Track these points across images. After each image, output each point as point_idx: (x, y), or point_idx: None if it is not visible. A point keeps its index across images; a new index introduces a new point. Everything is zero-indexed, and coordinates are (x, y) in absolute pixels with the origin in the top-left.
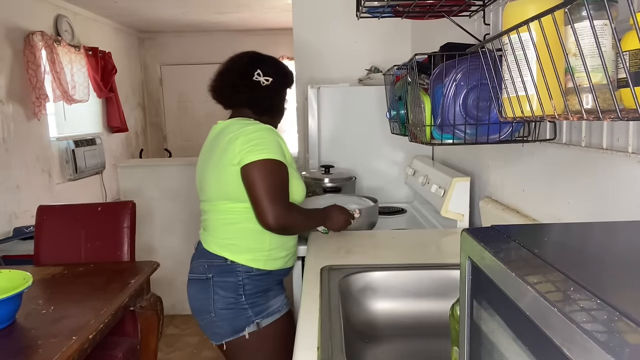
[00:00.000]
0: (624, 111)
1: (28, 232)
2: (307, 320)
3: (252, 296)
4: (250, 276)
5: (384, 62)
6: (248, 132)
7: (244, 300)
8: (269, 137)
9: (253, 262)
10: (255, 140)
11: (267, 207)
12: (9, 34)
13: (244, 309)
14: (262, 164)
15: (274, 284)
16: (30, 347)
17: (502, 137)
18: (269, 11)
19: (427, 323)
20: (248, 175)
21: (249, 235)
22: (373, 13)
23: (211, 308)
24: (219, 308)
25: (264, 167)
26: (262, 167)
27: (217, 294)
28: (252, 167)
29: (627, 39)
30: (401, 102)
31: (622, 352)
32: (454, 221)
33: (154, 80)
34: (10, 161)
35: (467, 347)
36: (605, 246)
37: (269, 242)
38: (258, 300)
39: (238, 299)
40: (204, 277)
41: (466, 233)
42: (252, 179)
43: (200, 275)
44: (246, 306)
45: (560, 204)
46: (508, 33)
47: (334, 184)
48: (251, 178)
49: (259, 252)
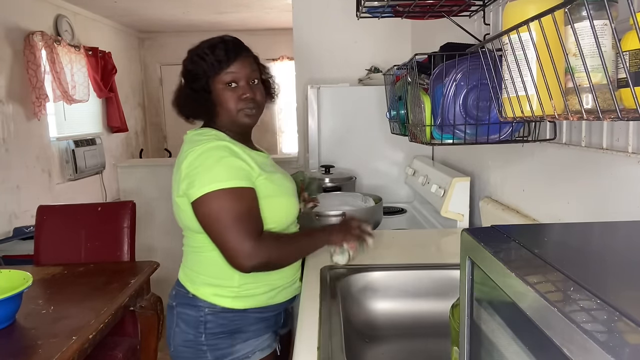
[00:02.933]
0: (624, 111)
1: (28, 232)
2: (307, 320)
3: (213, 337)
4: (215, 313)
5: (384, 62)
6: (193, 154)
7: (204, 340)
8: (214, 158)
9: (217, 299)
10: (199, 167)
11: (231, 249)
12: (9, 34)
13: (202, 350)
14: (210, 199)
15: (249, 324)
16: (30, 347)
17: (502, 137)
18: (269, 11)
19: (427, 323)
20: (198, 214)
21: (213, 265)
22: (373, 13)
23: (171, 341)
24: (177, 344)
25: (214, 202)
26: (210, 203)
27: (178, 326)
28: (199, 204)
29: (627, 39)
30: (401, 102)
31: (622, 352)
32: (454, 221)
33: (154, 80)
34: (10, 161)
35: (467, 347)
36: (605, 246)
37: (238, 276)
38: (220, 343)
39: (197, 338)
40: (171, 303)
41: (466, 233)
42: (204, 220)
43: (170, 301)
44: (205, 348)
45: (560, 204)
46: (508, 33)
47: (334, 183)
48: (202, 218)
49: (225, 288)
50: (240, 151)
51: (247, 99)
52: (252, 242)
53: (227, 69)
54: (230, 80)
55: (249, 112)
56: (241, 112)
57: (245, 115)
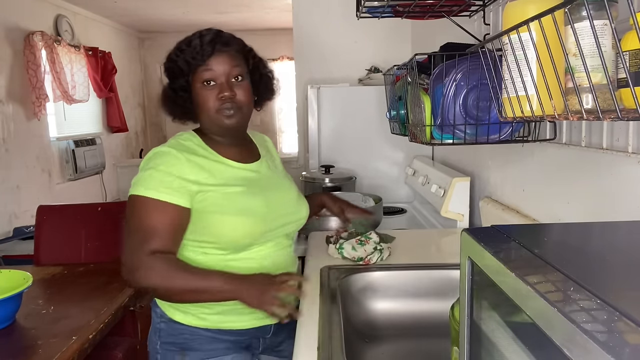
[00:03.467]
0: (624, 111)
1: (28, 232)
2: (307, 320)
3: (166, 346)
4: (167, 322)
5: (384, 62)
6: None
7: (159, 347)
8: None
9: (169, 309)
10: (141, 169)
11: (122, 256)
12: (9, 34)
13: (156, 358)
14: (130, 201)
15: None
16: (30, 347)
17: (502, 137)
18: (269, 11)
19: (427, 323)
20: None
21: None
22: (373, 13)
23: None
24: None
25: (130, 205)
26: (129, 205)
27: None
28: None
29: (627, 39)
30: (401, 102)
31: (622, 352)
32: (454, 221)
33: (153, 80)
34: (10, 161)
35: (467, 347)
36: (605, 246)
37: None
38: (170, 355)
39: (154, 344)
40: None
41: (466, 233)
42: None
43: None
44: (158, 356)
45: (560, 204)
46: (508, 33)
47: (334, 183)
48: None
49: None
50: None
51: (224, 99)
52: (138, 258)
53: (204, 65)
54: (208, 78)
55: (228, 113)
56: (219, 113)
57: (224, 116)
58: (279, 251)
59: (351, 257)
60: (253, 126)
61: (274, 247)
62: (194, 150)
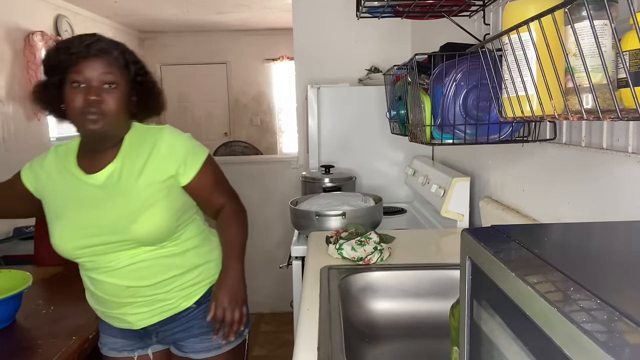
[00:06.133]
0: (624, 111)
1: (28, 232)
2: (307, 320)
3: None
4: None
5: (384, 62)
6: None
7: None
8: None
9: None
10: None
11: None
12: (9, 34)
13: None
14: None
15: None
16: (30, 347)
17: (502, 137)
18: (269, 11)
19: (427, 323)
20: None
21: None
22: (373, 13)
23: None
24: None
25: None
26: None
27: None
28: None
29: (627, 39)
30: (401, 102)
31: (622, 352)
32: (454, 221)
33: None
34: (10, 161)
35: (467, 347)
36: (605, 246)
37: None
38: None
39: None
40: None
41: (466, 233)
42: None
43: None
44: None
45: (560, 204)
46: (508, 33)
47: (334, 183)
48: None
49: None
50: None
51: (89, 102)
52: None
53: (75, 66)
54: (77, 80)
55: (91, 117)
56: (83, 116)
57: (88, 120)
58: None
59: (351, 257)
60: (253, 126)
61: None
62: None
